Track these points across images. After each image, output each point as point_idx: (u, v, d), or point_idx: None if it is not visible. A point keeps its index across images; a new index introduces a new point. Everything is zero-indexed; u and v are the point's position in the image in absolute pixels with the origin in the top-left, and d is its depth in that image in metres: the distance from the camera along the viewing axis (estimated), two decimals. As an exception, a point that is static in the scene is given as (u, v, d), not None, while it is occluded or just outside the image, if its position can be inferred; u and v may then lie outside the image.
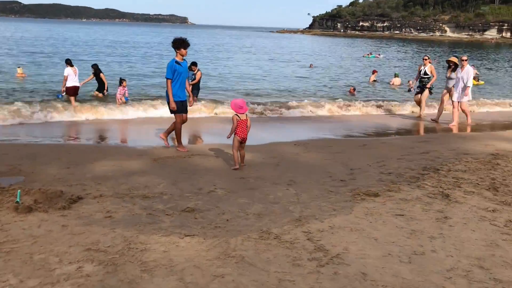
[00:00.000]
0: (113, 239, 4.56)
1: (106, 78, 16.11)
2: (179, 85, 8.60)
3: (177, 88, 8.57)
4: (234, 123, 7.42)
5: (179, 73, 8.52)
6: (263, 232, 4.82)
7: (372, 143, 10.14)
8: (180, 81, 8.59)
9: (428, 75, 14.26)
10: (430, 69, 14.26)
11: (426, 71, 14.29)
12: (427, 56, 14.73)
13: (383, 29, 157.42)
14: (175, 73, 8.47)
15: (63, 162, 7.72)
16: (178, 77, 8.52)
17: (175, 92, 8.54)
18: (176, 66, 8.48)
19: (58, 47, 44.28)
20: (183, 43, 8.51)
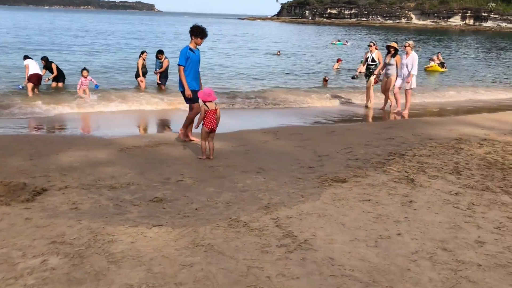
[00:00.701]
0: (79, 231, 4.48)
1: (61, 68, 15.61)
2: (193, 74, 8.27)
3: (191, 77, 8.23)
4: (202, 113, 7.32)
5: (192, 61, 8.19)
6: (232, 220, 4.82)
7: (340, 130, 10.24)
8: (193, 69, 8.27)
9: (375, 62, 13.80)
10: (377, 55, 13.81)
11: (373, 57, 13.83)
12: (372, 42, 14.19)
13: (350, 16, 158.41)
14: (188, 60, 8.13)
15: (25, 154, 7.51)
16: (191, 64, 8.20)
17: (189, 81, 8.22)
18: (189, 53, 8.15)
19: (19, 37, 42.93)
20: (202, 32, 8.18)
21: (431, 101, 16.11)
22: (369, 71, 13.91)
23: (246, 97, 14.91)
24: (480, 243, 4.43)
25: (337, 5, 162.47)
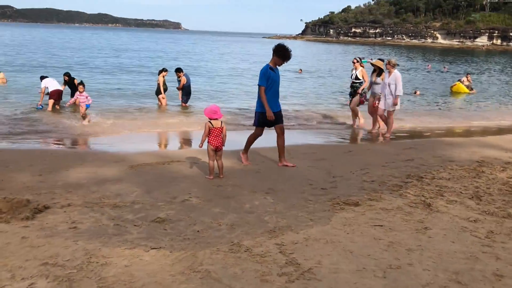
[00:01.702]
0: (73, 252, 4.31)
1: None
2: (272, 94, 7.77)
3: (269, 97, 7.71)
4: (206, 130, 7.13)
5: (273, 81, 7.71)
6: (234, 245, 4.59)
7: (358, 150, 9.96)
8: (273, 89, 7.77)
9: (359, 79, 12.93)
10: (362, 73, 12.93)
11: (357, 75, 12.96)
12: (356, 58, 13.29)
13: (375, 35, 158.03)
14: (269, 80, 7.65)
15: (36, 169, 7.45)
16: (272, 84, 7.74)
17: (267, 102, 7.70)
18: (270, 72, 7.68)
19: (49, 53, 43.94)
20: (285, 54, 7.69)
21: (454, 122, 15.66)
22: (353, 89, 13.11)
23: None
24: (498, 277, 4.08)
25: (362, 24, 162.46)
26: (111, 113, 14.01)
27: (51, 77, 15.10)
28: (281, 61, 7.75)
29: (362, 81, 12.83)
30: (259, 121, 7.95)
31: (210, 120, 7.12)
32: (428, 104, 19.63)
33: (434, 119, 15.83)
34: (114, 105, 15.65)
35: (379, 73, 12.06)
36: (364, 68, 13.11)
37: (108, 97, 17.53)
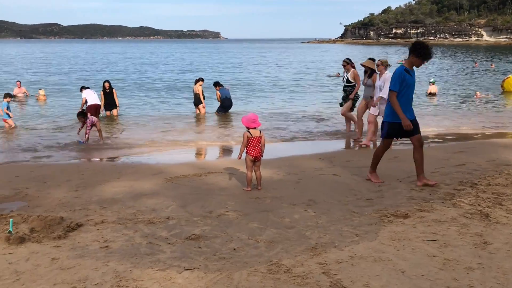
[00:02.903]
0: (103, 275, 4.07)
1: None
2: (405, 100, 6.82)
3: (401, 104, 6.75)
4: (244, 141, 6.82)
5: (407, 85, 6.77)
6: (273, 264, 4.24)
7: (404, 155, 9.39)
8: (406, 94, 6.82)
9: (351, 82, 11.62)
10: (353, 75, 11.63)
11: (348, 78, 11.69)
12: (346, 60, 11.85)
13: (417, 35, 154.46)
14: (402, 83, 6.74)
15: (72, 185, 7.36)
16: (405, 89, 6.81)
17: None
18: (405, 75, 6.75)
19: (91, 65, 45.08)
20: (426, 52, 6.68)
21: (507, 123, 14.76)
22: (346, 93, 11.89)
23: (296, 120, 14.41)
24: None
25: (403, 25, 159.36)
26: (148, 123, 13.99)
27: (92, 89, 15.22)
28: (420, 61, 6.77)
29: (354, 84, 11.63)
30: (388, 132, 7.05)
31: (248, 129, 6.82)
32: (478, 104, 18.69)
33: (484, 119, 15.00)
34: (153, 116, 15.66)
35: (370, 74, 10.85)
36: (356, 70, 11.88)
37: (148, 107, 17.60)
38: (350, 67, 11.71)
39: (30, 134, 12.50)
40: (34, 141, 11.60)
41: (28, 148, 10.86)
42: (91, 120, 11.19)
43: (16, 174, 8.30)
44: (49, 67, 43.56)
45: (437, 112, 16.51)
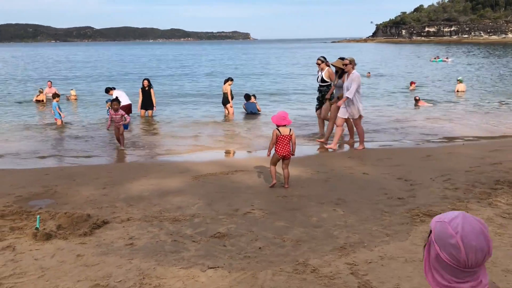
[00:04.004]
0: (127, 272, 4.03)
1: None
2: None
3: None
4: (273, 138, 6.69)
5: None
6: (299, 264, 4.11)
7: (437, 154, 9.11)
8: None
9: (326, 82, 10.85)
10: (328, 74, 10.80)
11: (323, 77, 10.91)
12: (321, 58, 11.09)
13: (450, 33, 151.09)
14: None
15: (100, 183, 7.39)
16: None
17: None
18: None
19: (125, 67, 45.75)
20: None
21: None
22: (321, 94, 11.10)
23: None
24: None
25: (436, 23, 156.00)
26: (178, 122, 14.03)
27: (120, 89, 15.30)
28: None
29: (329, 83, 10.83)
30: None
31: (278, 127, 6.69)
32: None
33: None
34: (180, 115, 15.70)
35: (341, 74, 10.12)
36: (331, 68, 10.98)
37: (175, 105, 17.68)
38: (325, 66, 11.00)
39: (63, 134, 12.68)
40: (65, 141, 11.75)
41: (58, 148, 11.01)
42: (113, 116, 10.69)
43: (46, 172, 8.40)
44: (111, 70, 44.42)
45: (467, 110, 16.00)
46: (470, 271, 1.58)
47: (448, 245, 1.58)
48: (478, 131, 12.19)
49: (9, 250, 4.57)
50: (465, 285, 1.60)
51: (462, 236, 1.56)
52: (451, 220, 1.61)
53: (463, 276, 1.59)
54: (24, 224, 5.30)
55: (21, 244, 4.74)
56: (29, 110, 17.35)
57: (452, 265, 1.58)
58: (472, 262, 1.56)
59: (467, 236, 1.56)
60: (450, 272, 1.60)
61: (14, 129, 13.25)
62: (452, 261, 1.58)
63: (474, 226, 1.58)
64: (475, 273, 1.60)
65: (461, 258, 1.55)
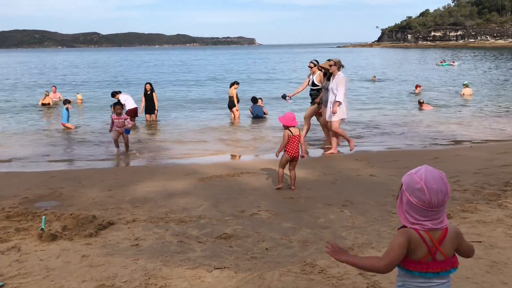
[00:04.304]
0: (132, 273, 3.98)
1: None
2: None
3: None
4: (285, 139, 6.60)
5: None
6: (307, 265, 4.05)
7: (445, 156, 9.04)
8: None
9: (317, 86, 10.63)
10: (319, 78, 10.57)
11: (314, 81, 10.71)
12: (314, 61, 10.92)
13: (456, 38, 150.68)
14: None
15: (106, 185, 7.37)
16: None
17: None
18: None
19: (129, 72, 45.91)
20: None
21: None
22: (312, 98, 10.88)
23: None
24: None
25: (442, 27, 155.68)
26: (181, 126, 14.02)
27: (126, 93, 15.32)
28: None
29: (320, 87, 10.57)
30: None
31: (287, 128, 6.63)
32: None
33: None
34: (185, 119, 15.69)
35: (329, 77, 9.79)
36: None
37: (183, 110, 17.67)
38: (317, 70, 10.69)
39: (69, 138, 12.70)
40: (71, 145, 11.77)
41: (64, 151, 11.03)
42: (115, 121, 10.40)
43: (52, 175, 8.40)
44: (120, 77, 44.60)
45: (474, 113, 15.91)
46: (433, 210, 2.07)
47: (415, 190, 2.08)
48: (486, 134, 12.10)
49: (15, 251, 4.54)
50: (428, 222, 2.09)
51: (425, 181, 2.06)
52: (416, 172, 2.12)
53: (427, 215, 2.09)
54: (29, 225, 5.27)
55: (26, 244, 4.71)
56: (36, 114, 17.42)
57: (419, 206, 2.08)
58: (435, 202, 2.05)
59: (429, 181, 2.06)
60: (418, 212, 2.10)
61: (21, 133, 13.31)
62: (419, 203, 2.07)
63: (434, 174, 2.09)
64: (437, 213, 2.09)
65: (426, 198, 2.06)
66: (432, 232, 2.10)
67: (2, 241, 4.80)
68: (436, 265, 2.12)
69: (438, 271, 2.13)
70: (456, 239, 2.17)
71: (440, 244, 2.11)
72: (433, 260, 2.12)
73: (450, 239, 2.14)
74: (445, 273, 2.15)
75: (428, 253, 2.11)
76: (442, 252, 2.12)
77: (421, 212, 2.09)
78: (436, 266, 2.12)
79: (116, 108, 10.71)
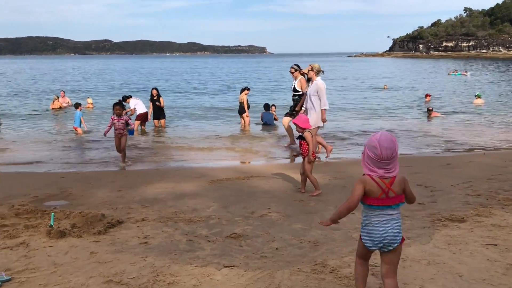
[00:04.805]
0: (140, 269, 3.94)
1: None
2: None
3: None
4: (313, 140, 6.50)
5: None
6: (317, 264, 3.98)
7: (457, 162, 8.92)
8: None
9: (298, 91, 10.30)
10: (300, 83, 10.26)
11: (295, 86, 10.39)
12: (294, 66, 10.46)
13: (468, 48, 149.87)
14: None
15: (115, 186, 7.35)
16: None
17: None
18: None
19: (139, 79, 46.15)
20: None
21: None
22: (294, 103, 10.52)
23: (345, 134, 14.01)
24: None
25: (454, 38, 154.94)
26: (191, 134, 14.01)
27: (137, 97, 15.35)
28: None
29: (301, 93, 10.24)
30: None
31: (305, 130, 6.52)
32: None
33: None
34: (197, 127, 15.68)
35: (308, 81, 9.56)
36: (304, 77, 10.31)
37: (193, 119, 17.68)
38: (298, 75, 10.32)
39: (81, 141, 12.75)
40: (82, 148, 11.81)
41: (75, 154, 11.05)
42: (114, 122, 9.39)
43: (62, 175, 8.41)
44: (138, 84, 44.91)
45: (486, 121, 15.74)
46: (384, 162, 2.92)
47: (372, 147, 2.94)
48: (498, 142, 11.95)
49: (23, 247, 4.52)
50: (381, 170, 2.94)
51: (379, 141, 2.92)
52: (375, 135, 2.99)
53: (380, 166, 2.94)
54: (38, 222, 5.26)
55: (35, 241, 4.69)
56: (47, 118, 17.52)
57: (374, 159, 2.94)
58: (385, 156, 2.91)
59: (382, 141, 2.92)
60: (374, 164, 2.96)
61: (32, 136, 13.37)
62: (374, 156, 2.93)
63: (387, 136, 2.95)
64: (388, 165, 2.94)
65: (378, 153, 2.92)
66: (384, 179, 2.95)
67: (10, 237, 4.78)
68: (389, 200, 3.00)
69: (390, 204, 3.02)
70: (402, 182, 3.04)
71: (391, 185, 2.97)
72: (387, 197, 2.98)
73: (398, 182, 2.99)
74: (395, 206, 3.05)
75: (382, 192, 2.96)
76: (393, 191, 2.98)
77: (376, 163, 2.95)
78: (389, 201, 3.00)
79: (115, 108, 9.38)
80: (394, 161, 2.94)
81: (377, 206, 3.00)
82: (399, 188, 3.00)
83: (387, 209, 3.02)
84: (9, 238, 4.78)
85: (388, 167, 2.93)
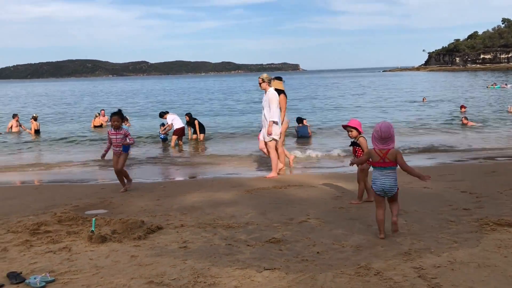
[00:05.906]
0: (181, 272, 3.90)
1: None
2: None
3: None
4: (367, 146, 6.24)
5: None
6: (361, 267, 3.85)
7: (502, 170, 8.60)
8: None
9: None
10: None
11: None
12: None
13: (508, 60, 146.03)
14: None
15: (154, 195, 7.41)
16: None
17: None
18: None
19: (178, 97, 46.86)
20: None
21: None
22: None
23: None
24: None
25: (492, 50, 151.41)
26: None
27: (173, 113, 15.64)
28: None
29: None
30: None
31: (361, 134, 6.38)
32: None
33: None
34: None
35: (278, 95, 8.95)
36: None
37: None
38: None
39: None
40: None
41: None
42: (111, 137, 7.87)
43: (102, 186, 8.56)
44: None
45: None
46: (383, 140, 4.57)
47: (376, 131, 4.62)
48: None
49: (65, 251, 4.57)
50: (380, 145, 4.59)
51: (380, 127, 4.60)
52: (377, 124, 4.68)
53: (381, 143, 4.58)
54: (80, 229, 5.32)
55: (77, 246, 4.74)
56: (89, 135, 17.96)
57: (376, 137, 4.61)
58: (382, 136, 4.56)
59: (382, 126, 4.60)
60: (378, 141, 4.61)
61: (75, 153, 13.72)
62: (377, 135, 4.60)
63: (385, 123, 4.66)
64: (385, 142, 4.57)
65: (378, 135, 4.58)
66: (382, 150, 4.57)
67: (53, 242, 4.86)
68: (385, 163, 4.59)
69: (386, 166, 4.60)
70: (394, 154, 4.57)
71: (386, 154, 4.55)
72: (383, 162, 4.58)
73: (391, 153, 4.55)
74: (390, 168, 4.61)
75: (380, 158, 4.58)
76: (387, 158, 4.56)
77: (378, 140, 4.60)
78: (385, 164, 4.59)
79: (112, 119, 7.85)
80: (389, 139, 4.54)
81: (378, 167, 4.62)
82: (392, 157, 4.54)
83: (385, 170, 4.60)
84: (52, 243, 4.85)
85: (386, 143, 4.55)
